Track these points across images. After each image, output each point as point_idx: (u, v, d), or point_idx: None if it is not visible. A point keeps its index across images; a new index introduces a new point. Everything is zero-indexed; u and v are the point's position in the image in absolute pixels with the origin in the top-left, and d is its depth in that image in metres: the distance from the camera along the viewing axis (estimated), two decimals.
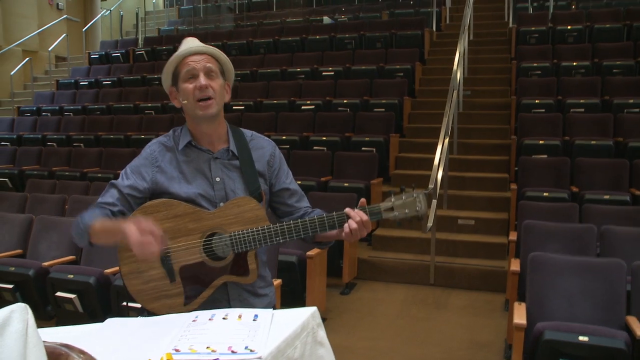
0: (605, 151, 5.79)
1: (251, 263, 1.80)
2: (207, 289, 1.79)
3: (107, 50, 11.58)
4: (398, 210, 1.78)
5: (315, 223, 1.76)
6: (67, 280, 3.70)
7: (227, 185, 1.83)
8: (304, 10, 12.68)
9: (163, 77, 1.88)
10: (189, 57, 1.81)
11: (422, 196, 1.80)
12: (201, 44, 1.84)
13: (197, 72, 1.78)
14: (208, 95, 1.78)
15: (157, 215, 1.75)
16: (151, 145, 1.89)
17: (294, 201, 1.96)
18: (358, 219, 1.74)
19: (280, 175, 1.94)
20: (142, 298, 1.79)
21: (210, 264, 1.78)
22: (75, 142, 8.04)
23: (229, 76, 1.91)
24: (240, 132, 1.93)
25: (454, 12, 10.60)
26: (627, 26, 8.28)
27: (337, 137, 6.80)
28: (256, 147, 1.91)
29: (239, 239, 1.76)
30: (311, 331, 1.52)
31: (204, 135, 1.85)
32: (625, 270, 3.10)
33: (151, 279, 1.78)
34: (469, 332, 4.22)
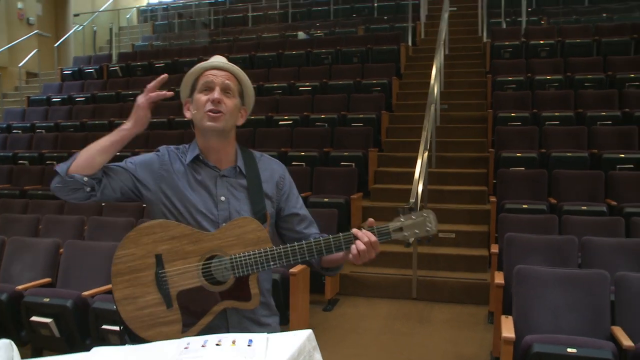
0: (580, 163, 5.88)
1: (253, 287, 1.71)
2: (207, 316, 1.70)
3: (80, 66, 11.42)
4: (407, 230, 1.72)
5: (321, 245, 1.69)
6: (43, 304, 3.57)
7: (232, 205, 1.76)
8: (279, 25, 12.70)
9: (181, 87, 1.83)
10: (210, 70, 1.77)
11: (432, 216, 1.74)
12: (227, 62, 1.80)
13: (214, 85, 1.74)
14: (219, 110, 1.72)
15: (153, 237, 1.68)
16: (163, 149, 1.84)
17: (303, 227, 1.88)
18: (366, 240, 1.67)
19: (290, 199, 1.87)
20: (136, 325, 1.70)
21: (210, 289, 1.69)
22: (48, 160, 7.86)
23: (247, 101, 1.84)
24: (250, 152, 1.87)
25: (429, 27, 10.73)
26: (597, 41, 8.49)
27: (316, 152, 6.79)
28: (265, 167, 1.85)
29: (240, 262, 1.67)
30: (307, 355, 1.48)
31: (211, 151, 1.79)
32: (609, 281, 3.13)
33: (147, 305, 1.68)
34: (454, 345, 4.21)
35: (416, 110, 7.88)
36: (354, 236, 1.69)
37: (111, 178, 1.73)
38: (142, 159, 1.80)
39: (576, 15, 10.54)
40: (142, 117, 1.73)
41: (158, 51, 11.64)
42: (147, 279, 1.67)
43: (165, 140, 7.73)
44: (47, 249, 4.21)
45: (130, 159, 1.79)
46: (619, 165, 5.75)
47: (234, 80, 1.78)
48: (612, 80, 7.46)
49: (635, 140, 6.22)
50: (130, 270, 1.67)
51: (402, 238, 1.73)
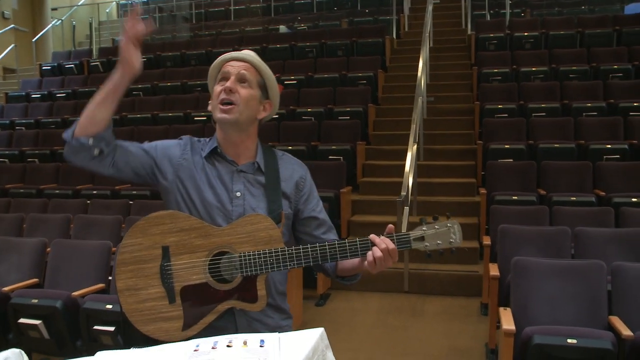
0: (568, 154, 5.92)
1: (260, 289, 1.64)
2: (209, 314, 1.63)
3: (60, 61, 11.19)
4: (429, 240, 1.64)
5: (335, 248, 1.61)
6: (31, 305, 3.47)
7: (247, 201, 1.70)
8: (262, 19, 12.59)
9: (209, 80, 1.79)
10: (230, 62, 1.71)
11: (456, 227, 1.66)
12: (250, 54, 1.75)
13: (230, 75, 1.68)
14: (230, 100, 1.66)
15: (162, 227, 1.62)
16: (185, 138, 1.79)
17: (321, 232, 1.80)
18: (384, 247, 1.58)
19: (310, 201, 1.80)
20: (136, 318, 1.63)
21: (215, 287, 1.62)
22: (29, 158, 7.71)
23: (272, 95, 1.77)
24: (271, 150, 1.81)
25: (413, 20, 10.73)
26: (580, 33, 8.55)
27: (303, 146, 6.73)
28: (285, 166, 1.78)
29: (248, 261, 1.61)
30: (321, 354, 1.44)
31: (230, 145, 1.73)
32: (605, 271, 3.13)
33: (149, 297, 1.62)
34: (448, 338, 4.21)
35: (402, 103, 7.89)
36: (371, 242, 1.61)
37: (126, 154, 1.70)
38: (164, 145, 1.76)
39: (559, 7, 10.61)
40: (126, 58, 1.58)
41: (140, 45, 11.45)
42: (151, 270, 1.61)
43: (150, 136, 7.68)
44: (34, 249, 4.10)
45: (152, 143, 1.75)
46: (606, 156, 5.80)
47: (252, 71, 1.71)
48: (596, 71, 7.52)
49: (620, 130, 6.28)
50: (135, 260, 1.61)
51: (423, 248, 1.65)
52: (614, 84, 7.16)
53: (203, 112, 7.93)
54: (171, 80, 9.38)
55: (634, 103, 6.63)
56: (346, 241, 1.62)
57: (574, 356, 2.68)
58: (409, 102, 7.37)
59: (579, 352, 2.67)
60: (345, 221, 5.86)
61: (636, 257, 3.71)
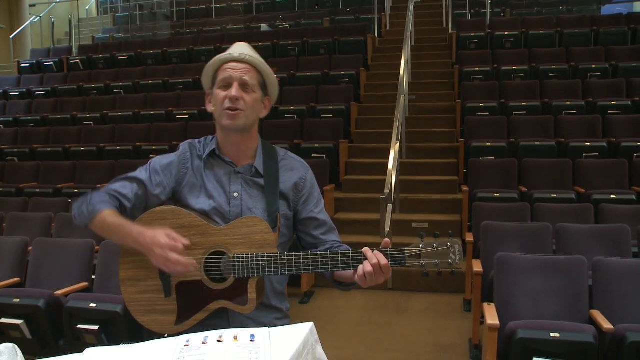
0: (548, 151, 6.00)
1: (251, 292, 1.64)
2: (201, 312, 1.65)
3: (39, 58, 11.01)
4: (426, 259, 1.59)
5: (327, 259, 1.60)
6: (13, 304, 3.43)
7: (245, 202, 1.71)
8: (244, 17, 12.54)
9: (203, 77, 1.78)
10: (229, 64, 1.70)
11: (457, 247, 1.60)
12: (247, 52, 1.72)
13: (232, 81, 1.67)
14: (236, 107, 1.66)
15: (164, 222, 1.65)
16: (184, 145, 1.81)
17: (321, 233, 1.79)
18: (375, 262, 1.53)
19: (309, 202, 1.78)
20: (134, 308, 1.69)
21: (208, 285, 1.64)
22: (8, 156, 7.58)
23: (272, 91, 1.78)
24: (274, 150, 1.80)
25: (394, 19, 10.77)
26: (559, 33, 8.67)
27: (286, 144, 6.72)
28: (286, 167, 1.77)
29: (241, 263, 1.62)
30: (311, 348, 1.44)
31: (230, 147, 1.74)
32: (586, 266, 3.19)
33: (147, 289, 1.67)
34: (432, 334, 4.24)
35: (385, 101, 7.93)
36: (364, 256, 1.57)
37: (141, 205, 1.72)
38: (166, 163, 1.76)
39: (538, 7, 10.74)
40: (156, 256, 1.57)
41: (120, 43, 11.35)
42: (151, 263, 1.63)
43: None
44: (15, 248, 4.04)
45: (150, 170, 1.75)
46: (585, 154, 5.89)
47: (253, 73, 1.71)
48: (575, 70, 7.63)
49: (599, 129, 6.38)
50: (137, 251, 1.64)
51: (419, 267, 1.59)
52: (592, 83, 7.27)
53: (185, 110, 7.88)
54: (152, 78, 9.30)
55: (611, 102, 6.75)
56: (339, 252, 1.60)
57: (556, 350, 2.72)
58: (391, 101, 7.42)
59: (562, 346, 2.72)
60: None
61: (616, 253, 3.79)
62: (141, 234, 1.59)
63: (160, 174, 1.73)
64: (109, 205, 1.65)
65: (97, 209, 1.63)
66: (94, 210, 1.63)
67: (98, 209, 1.63)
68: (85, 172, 6.72)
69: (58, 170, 6.87)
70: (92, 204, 1.64)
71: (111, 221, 1.62)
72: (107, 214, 1.63)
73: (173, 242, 1.56)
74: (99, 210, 1.63)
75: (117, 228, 1.62)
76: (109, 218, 1.62)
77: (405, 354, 3.94)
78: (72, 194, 6.06)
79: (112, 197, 1.68)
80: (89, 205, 1.64)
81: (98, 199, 1.66)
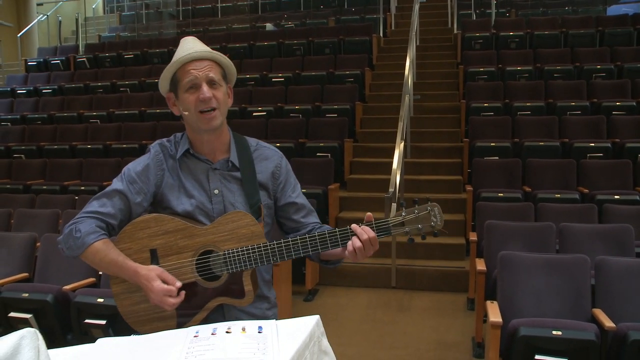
0: (552, 152, 6.01)
1: (247, 284, 1.68)
2: (201, 312, 1.68)
3: (46, 57, 11.08)
4: (410, 225, 1.64)
5: (316, 241, 1.64)
6: (22, 299, 3.48)
7: (226, 198, 1.73)
8: (249, 16, 12.58)
9: (160, 82, 1.76)
10: (190, 64, 1.68)
11: (437, 209, 1.66)
12: (202, 48, 1.71)
13: (200, 81, 1.66)
14: (212, 107, 1.66)
15: (148, 231, 1.66)
16: (155, 147, 1.78)
17: (301, 216, 1.83)
18: (365, 237, 1.59)
19: (286, 188, 1.82)
20: (132, 320, 1.69)
21: (204, 285, 1.67)
22: (15, 154, 7.64)
23: (230, 79, 1.79)
24: (245, 141, 1.82)
25: (399, 19, 10.80)
26: (564, 33, 8.68)
27: (291, 143, 6.76)
28: (260, 157, 1.80)
29: (233, 258, 1.65)
30: (317, 340, 1.49)
31: (204, 144, 1.74)
32: (589, 265, 3.21)
33: (143, 299, 1.67)
34: (435, 333, 4.27)
35: (389, 101, 7.95)
36: (351, 232, 1.62)
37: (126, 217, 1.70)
38: (141, 169, 1.72)
39: (543, 8, 10.74)
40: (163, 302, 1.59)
41: (126, 42, 11.41)
42: None
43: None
44: (23, 244, 4.09)
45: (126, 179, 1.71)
46: (589, 154, 5.90)
47: (216, 68, 1.71)
48: (580, 71, 7.64)
49: (603, 129, 6.39)
50: None
51: (403, 233, 1.65)
52: (597, 84, 7.28)
53: None
54: (158, 76, 9.10)
55: (616, 102, 6.76)
56: (326, 232, 1.64)
57: (559, 347, 2.74)
58: (396, 100, 7.44)
59: (564, 343, 2.74)
60: (333, 218, 5.90)
61: (619, 252, 3.81)
62: (135, 273, 1.59)
63: (138, 181, 1.70)
64: (97, 236, 1.62)
65: (87, 243, 1.60)
66: (83, 244, 1.60)
67: (87, 243, 1.60)
68: (92, 169, 6.76)
69: (65, 168, 6.92)
70: (80, 238, 1.60)
71: (102, 257, 1.61)
72: (97, 248, 1.60)
73: (167, 287, 1.57)
74: (88, 244, 1.60)
75: (109, 264, 1.61)
76: (99, 253, 1.60)
77: (409, 351, 3.97)
78: (79, 191, 6.11)
79: (98, 222, 1.64)
80: (77, 239, 1.61)
81: (85, 230, 1.61)
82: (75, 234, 1.61)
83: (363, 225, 1.62)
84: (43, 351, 0.94)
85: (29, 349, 0.92)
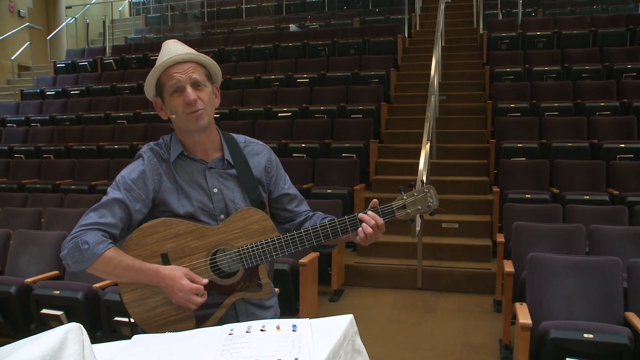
0: (581, 153, 5.93)
1: (263, 277, 1.72)
2: (220, 309, 1.70)
3: (74, 59, 11.29)
4: (410, 207, 1.73)
5: (327, 229, 1.69)
6: (53, 296, 3.56)
7: (226, 195, 1.74)
8: (274, 18, 12.65)
9: (146, 87, 1.76)
10: (173, 68, 1.67)
11: (432, 191, 1.75)
12: (184, 50, 1.70)
13: (183, 84, 1.66)
14: (197, 108, 1.67)
15: (157, 236, 1.66)
16: (146, 152, 1.76)
17: (294, 206, 1.89)
18: (373, 223, 1.68)
19: (279, 181, 1.87)
20: (149, 326, 1.69)
21: (220, 283, 1.69)
22: (44, 154, 7.79)
23: (216, 79, 1.79)
24: (233, 138, 1.83)
25: (424, 19, 10.75)
26: (593, 32, 8.54)
27: (317, 144, 6.78)
28: (251, 153, 1.82)
29: (247, 254, 1.68)
30: (351, 339, 1.49)
31: (196, 145, 1.75)
32: (621, 267, 3.16)
33: (156, 305, 1.68)
34: (462, 334, 4.23)
35: (414, 102, 7.92)
36: (359, 219, 1.69)
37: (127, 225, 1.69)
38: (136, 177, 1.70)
39: (571, 7, 10.59)
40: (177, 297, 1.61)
41: (152, 44, 11.54)
42: None
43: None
44: (54, 242, 4.17)
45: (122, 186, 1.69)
46: (619, 155, 5.80)
47: (199, 69, 1.70)
48: (610, 71, 7.51)
49: (634, 130, 6.27)
50: None
51: (406, 215, 1.74)
52: (627, 84, 7.14)
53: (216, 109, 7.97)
54: None
55: None
56: (336, 220, 1.70)
57: (590, 351, 2.70)
58: (421, 101, 7.40)
59: (596, 347, 2.70)
60: None
61: None
62: (157, 273, 1.59)
63: (135, 188, 1.68)
64: (107, 245, 1.59)
65: (97, 253, 1.57)
66: (93, 255, 1.57)
67: (98, 253, 1.57)
68: (118, 169, 6.70)
69: (92, 168, 7.04)
70: (89, 249, 1.57)
71: (116, 263, 1.58)
72: (110, 256, 1.58)
73: (195, 285, 1.60)
74: (99, 253, 1.57)
75: (125, 270, 1.59)
76: (113, 260, 1.58)
77: (435, 352, 3.95)
78: (106, 191, 6.19)
79: (102, 233, 1.61)
80: (85, 251, 1.57)
81: (92, 240, 1.58)
82: (82, 246, 1.57)
83: (370, 212, 1.70)
84: (87, 346, 0.96)
85: (74, 343, 0.94)
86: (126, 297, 1.68)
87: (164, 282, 1.60)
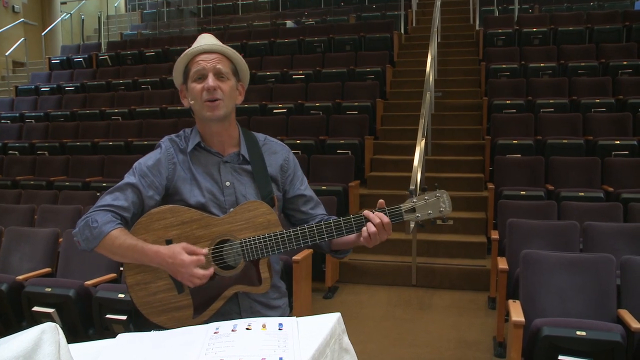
0: (576, 149, 5.92)
1: (264, 272, 1.71)
2: (218, 300, 1.69)
3: (69, 55, 11.23)
4: (420, 211, 1.68)
5: (331, 227, 1.67)
6: (45, 293, 3.53)
7: (238, 189, 1.75)
8: (270, 14, 12.61)
9: (174, 73, 1.80)
10: (200, 56, 1.72)
11: (445, 196, 1.71)
12: (215, 42, 1.75)
13: (207, 72, 1.70)
14: (215, 97, 1.69)
15: (164, 222, 1.67)
16: (165, 142, 1.80)
17: (309, 208, 1.87)
18: (378, 222, 1.64)
19: (295, 181, 1.85)
20: (148, 310, 1.69)
21: (221, 274, 1.68)
22: (39, 150, 7.76)
23: (243, 76, 1.82)
24: (253, 135, 1.85)
25: (420, 15, 10.73)
26: (589, 29, 8.53)
27: (312, 140, 6.76)
28: (269, 151, 1.83)
29: (250, 246, 1.67)
30: (338, 338, 1.47)
31: (214, 137, 1.77)
32: (615, 264, 3.15)
33: (158, 290, 1.68)
34: (456, 331, 4.23)
35: (410, 98, 7.91)
36: (365, 218, 1.66)
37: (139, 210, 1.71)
38: (152, 164, 1.73)
39: (567, 3, 10.57)
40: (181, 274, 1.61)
41: (148, 40, 11.51)
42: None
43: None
44: (46, 239, 4.15)
45: (138, 172, 1.72)
46: (614, 152, 5.79)
47: (225, 62, 1.74)
48: (605, 67, 7.50)
49: (629, 126, 6.27)
50: None
51: (415, 219, 1.69)
52: (623, 80, 7.14)
53: None
54: None
55: None
56: (341, 219, 1.68)
57: (583, 348, 2.69)
58: (417, 97, 7.39)
59: (588, 344, 2.68)
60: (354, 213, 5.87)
61: None
62: (157, 253, 1.60)
63: (149, 174, 1.71)
64: (115, 225, 1.62)
65: (104, 231, 1.59)
66: (101, 233, 1.59)
67: (105, 231, 1.59)
68: (113, 166, 6.84)
69: (87, 164, 7.01)
70: (97, 227, 1.60)
71: (121, 242, 1.60)
72: (116, 235, 1.60)
73: (195, 258, 1.59)
74: (106, 232, 1.59)
75: (128, 249, 1.60)
76: (118, 239, 1.60)
77: (429, 349, 3.94)
78: (101, 188, 6.18)
79: (112, 214, 1.64)
80: (93, 229, 1.60)
81: (102, 220, 1.61)
82: (92, 224, 1.61)
83: (376, 212, 1.67)
84: (63, 346, 0.94)
85: (49, 343, 0.92)
86: (129, 280, 1.69)
87: (165, 262, 1.60)
